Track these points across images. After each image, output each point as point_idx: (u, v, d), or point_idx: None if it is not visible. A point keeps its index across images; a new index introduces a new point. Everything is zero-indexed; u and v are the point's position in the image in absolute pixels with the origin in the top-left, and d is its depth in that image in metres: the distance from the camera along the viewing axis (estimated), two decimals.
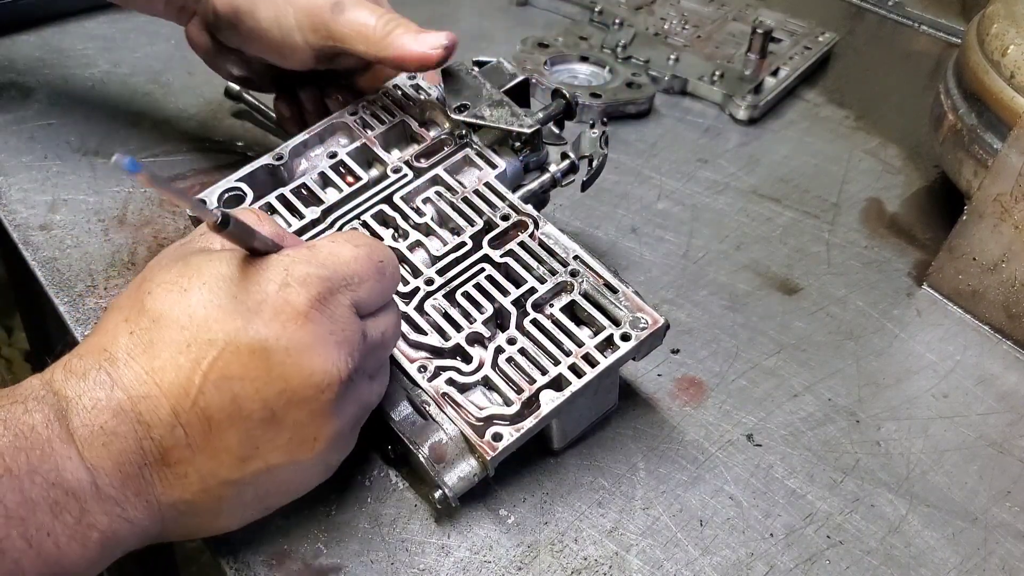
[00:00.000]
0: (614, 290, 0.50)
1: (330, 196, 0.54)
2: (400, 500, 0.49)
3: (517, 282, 0.51)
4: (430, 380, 0.47)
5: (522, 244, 0.52)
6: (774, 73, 0.85)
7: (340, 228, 0.53)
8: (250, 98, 0.75)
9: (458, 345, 0.49)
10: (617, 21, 0.90)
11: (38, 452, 0.35)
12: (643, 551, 0.47)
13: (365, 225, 0.53)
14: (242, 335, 0.37)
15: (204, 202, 0.39)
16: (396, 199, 0.54)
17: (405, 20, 0.52)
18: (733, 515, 0.49)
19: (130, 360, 0.37)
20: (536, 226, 0.53)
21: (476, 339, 0.49)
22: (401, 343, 0.49)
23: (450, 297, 0.50)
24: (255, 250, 0.39)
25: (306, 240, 0.48)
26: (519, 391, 0.47)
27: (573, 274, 0.50)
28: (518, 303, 0.50)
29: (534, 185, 0.57)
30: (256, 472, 0.40)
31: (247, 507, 0.42)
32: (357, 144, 0.57)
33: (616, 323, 0.49)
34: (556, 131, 0.60)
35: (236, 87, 0.75)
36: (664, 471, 0.51)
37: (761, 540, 0.48)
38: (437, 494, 0.45)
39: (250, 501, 0.41)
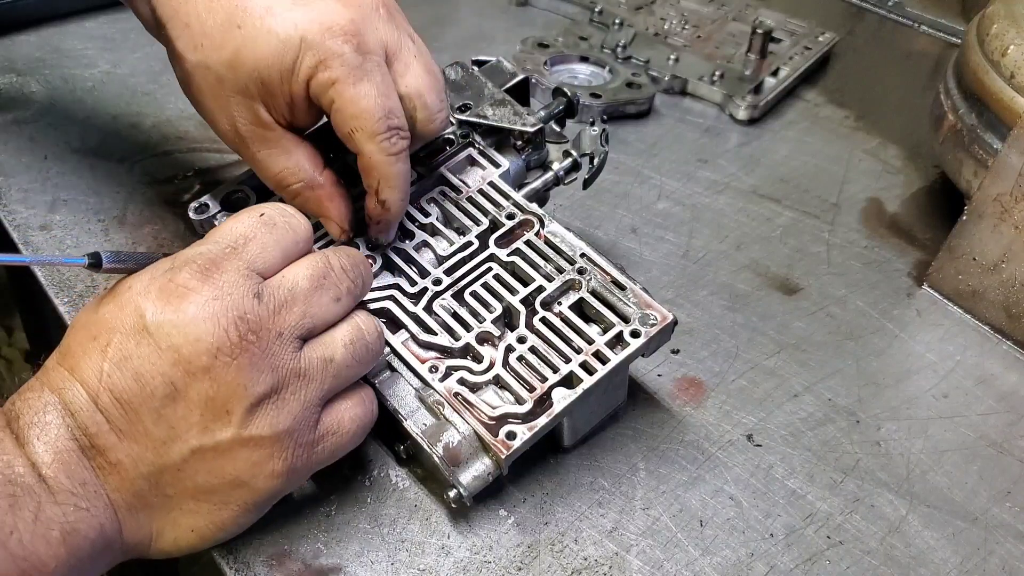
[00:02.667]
0: (622, 287, 0.50)
1: None
2: (400, 500, 0.49)
3: (525, 281, 0.51)
4: (442, 380, 0.47)
5: (528, 243, 0.52)
6: (774, 73, 0.85)
7: None
8: None
9: (468, 345, 0.49)
10: (617, 21, 0.90)
11: None
12: (643, 551, 0.47)
13: None
14: (134, 317, 0.39)
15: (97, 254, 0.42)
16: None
17: (319, 192, 0.50)
18: (733, 515, 0.49)
19: (55, 365, 0.41)
20: (542, 224, 0.53)
21: (486, 338, 0.49)
22: (412, 344, 0.49)
23: (458, 297, 0.50)
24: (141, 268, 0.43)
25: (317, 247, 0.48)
26: (531, 389, 0.47)
27: (580, 272, 0.50)
28: (527, 301, 0.50)
29: (537, 183, 0.57)
30: (182, 455, 0.40)
31: (200, 501, 0.41)
32: None
33: (625, 320, 0.49)
34: (557, 129, 0.60)
35: None
36: (664, 471, 0.51)
37: (761, 540, 0.48)
38: (452, 493, 0.45)
39: (198, 493, 0.41)
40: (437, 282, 0.51)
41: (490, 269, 0.51)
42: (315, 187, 0.50)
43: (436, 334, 0.49)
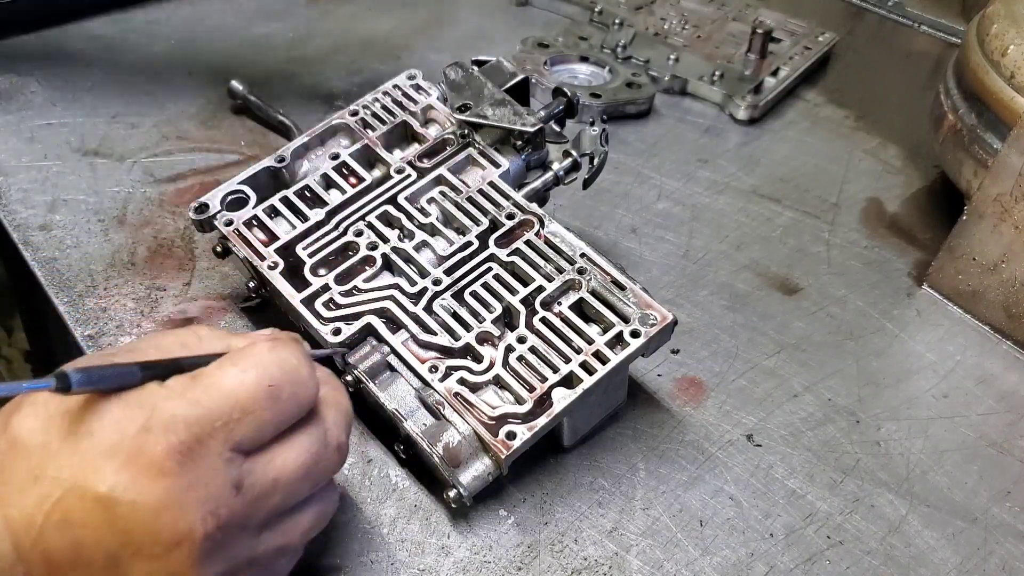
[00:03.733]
0: (622, 287, 0.50)
1: (334, 198, 0.54)
2: (400, 500, 0.49)
3: (524, 281, 0.51)
4: (442, 380, 0.47)
5: (528, 243, 0.52)
6: (774, 73, 0.85)
7: (345, 230, 0.53)
8: (252, 98, 0.75)
9: (468, 344, 0.49)
10: (617, 21, 0.90)
11: None
12: (643, 551, 0.47)
13: (370, 226, 0.53)
14: (89, 480, 0.34)
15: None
16: (400, 199, 0.54)
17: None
18: (733, 515, 0.49)
19: None
20: (541, 224, 0.53)
21: (486, 338, 0.49)
22: (412, 344, 0.49)
23: (458, 297, 0.50)
24: (124, 387, 0.36)
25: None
26: (531, 389, 0.47)
27: (580, 272, 0.50)
28: (526, 301, 0.50)
29: (537, 183, 0.57)
30: None
31: None
32: (359, 145, 0.57)
33: (625, 320, 0.49)
34: (557, 129, 0.60)
35: (239, 86, 0.75)
36: (664, 471, 0.51)
37: (761, 540, 0.48)
38: (452, 493, 0.45)
39: None
40: (437, 282, 0.51)
41: (490, 269, 0.51)
42: None
43: (436, 334, 0.49)
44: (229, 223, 0.53)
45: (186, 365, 0.37)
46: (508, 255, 0.52)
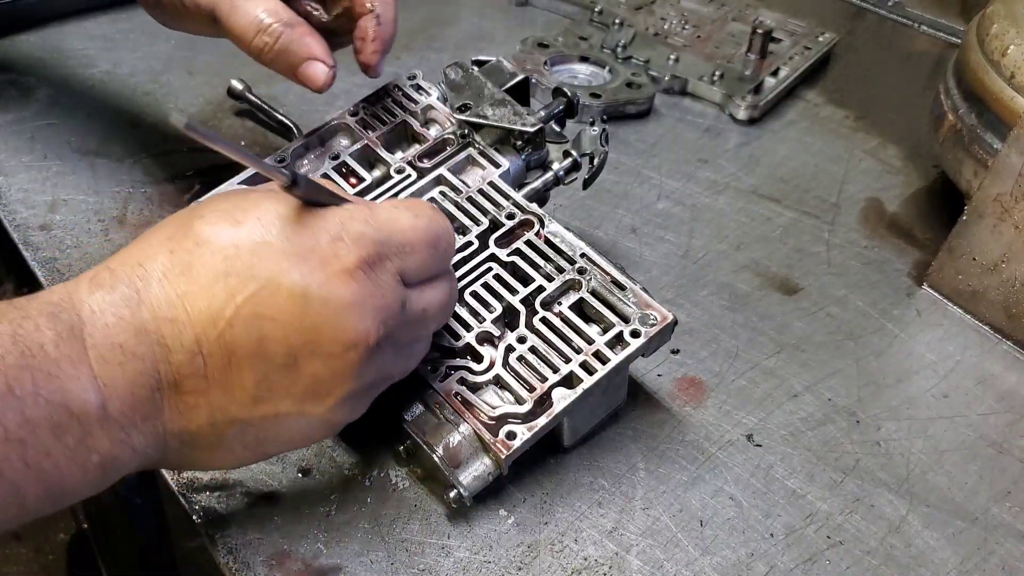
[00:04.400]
0: (622, 287, 0.50)
1: None
2: (400, 500, 0.49)
3: (525, 280, 0.51)
4: (442, 380, 0.47)
5: (528, 243, 0.52)
6: (774, 73, 0.85)
7: None
8: (252, 97, 0.75)
9: (468, 344, 0.49)
10: (617, 21, 0.90)
11: (44, 372, 0.34)
12: (643, 551, 0.47)
13: None
14: (285, 276, 0.37)
15: (283, 160, 0.40)
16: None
17: (299, 29, 0.50)
18: (733, 515, 0.49)
19: (164, 280, 0.37)
20: (542, 224, 0.53)
21: (486, 338, 0.49)
22: None
23: (459, 297, 0.50)
24: (324, 205, 0.40)
25: None
26: (531, 389, 0.47)
27: (580, 272, 0.50)
28: (527, 301, 0.50)
29: (537, 183, 0.57)
30: (264, 415, 0.39)
31: (246, 448, 0.41)
32: (359, 145, 0.57)
33: (625, 320, 0.49)
34: (557, 129, 0.60)
35: (239, 86, 0.74)
36: (664, 471, 0.51)
37: (761, 540, 0.48)
38: (452, 493, 0.45)
39: (250, 443, 0.41)
40: None
41: (490, 269, 0.51)
42: (295, 24, 0.50)
43: (436, 334, 0.49)
44: None
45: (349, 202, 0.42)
46: (508, 255, 0.52)
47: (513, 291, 0.50)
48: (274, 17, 0.50)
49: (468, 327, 0.49)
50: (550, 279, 0.50)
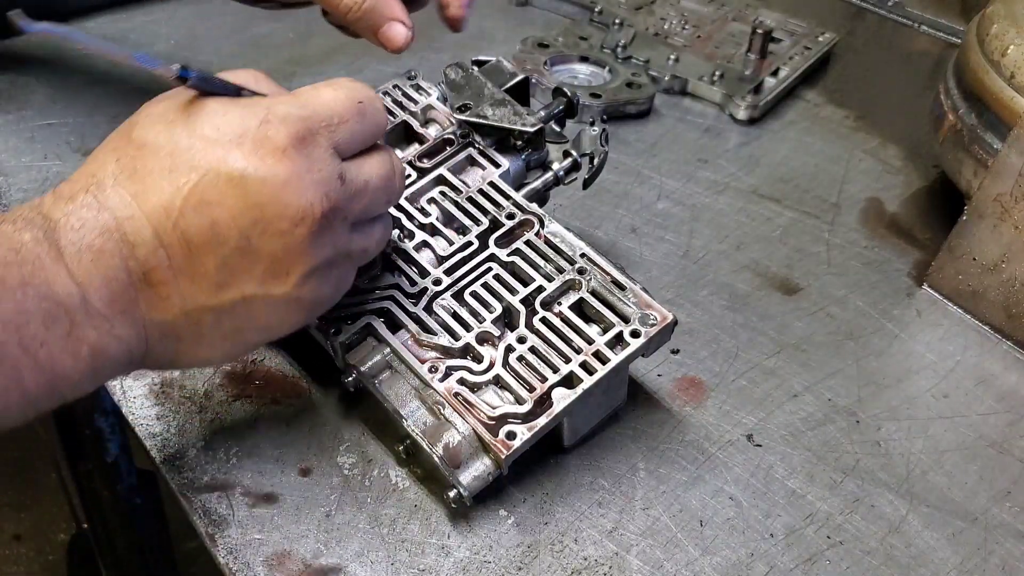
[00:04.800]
0: (622, 287, 0.50)
1: None
2: (400, 500, 0.49)
3: (525, 281, 0.51)
4: (442, 380, 0.47)
5: (528, 243, 0.52)
6: (774, 73, 0.85)
7: None
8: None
9: (468, 345, 0.49)
10: (617, 21, 0.90)
11: (29, 267, 0.37)
12: (643, 551, 0.47)
13: None
14: (222, 164, 0.39)
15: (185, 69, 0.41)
16: (401, 199, 0.54)
17: (371, 4, 0.52)
18: (733, 515, 0.49)
19: (116, 185, 0.40)
20: (541, 224, 0.53)
21: (486, 338, 0.49)
22: (412, 344, 0.49)
23: (458, 297, 0.50)
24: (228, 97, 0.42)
25: None
26: (531, 389, 0.47)
27: (580, 272, 0.50)
28: (526, 302, 0.50)
29: (537, 183, 0.57)
30: (232, 300, 0.41)
31: (226, 339, 0.43)
32: None
33: (625, 320, 0.49)
34: (557, 129, 0.60)
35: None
36: (664, 471, 0.51)
37: (761, 540, 0.48)
38: (452, 493, 0.45)
39: (228, 332, 0.43)
40: (437, 282, 0.51)
41: (490, 269, 0.51)
42: None
43: (436, 334, 0.49)
44: None
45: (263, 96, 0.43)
46: (508, 255, 0.52)
47: (513, 291, 0.50)
48: None
49: (468, 327, 0.49)
50: (550, 279, 0.50)
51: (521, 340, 0.49)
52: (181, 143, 0.40)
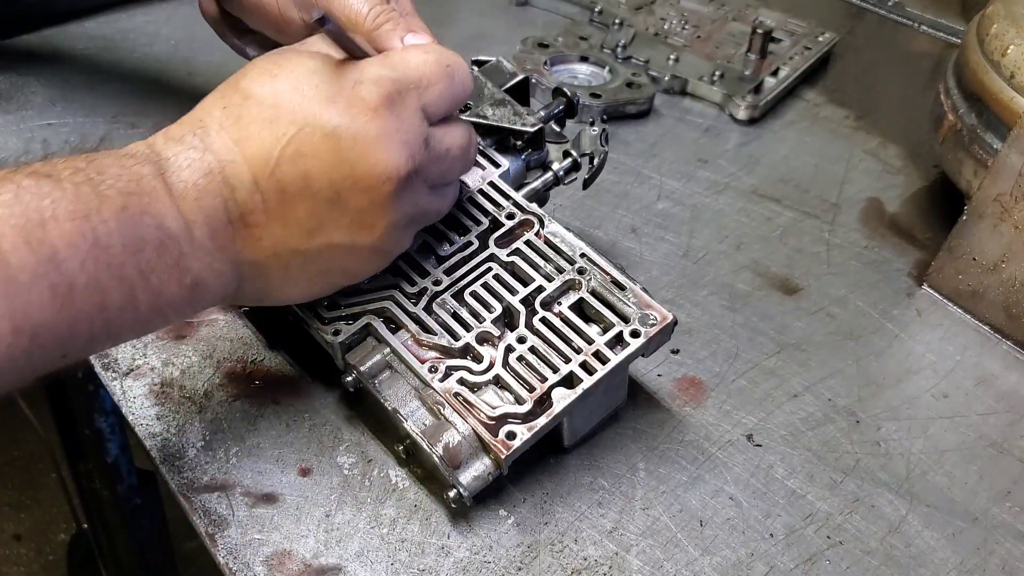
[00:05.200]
0: (622, 287, 0.50)
1: None
2: (400, 500, 0.49)
3: (524, 281, 0.51)
4: (441, 380, 0.47)
5: (528, 243, 0.52)
6: (774, 73, 0.85)
7: None
8: None
9: (468, 345, 0.49)
10: (617, 21, 0.90)
11: (147, 198, 0.40)
12: (643, 551, 0.47)
13: None
14: (318, 119, 0.42)
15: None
16: None
17: (394, 13, 0.52)
18: (733, 515, 0.49)
19: (221, 130, 0.42)
20: (541, 224, 0.53)
21: (486, 338, 0.49)
22: (412, 344, 0.49)
23: (458, 297, 0.50)
24: (351, 53, 0.44)
25: None
26: (531, 389, 0.47)
27: (580, 272, 0.50)
28: (526, 302, 0.50)
29: (537, 183, 0.57)
30: (320, 247, 0.44)
31: (311, 281, 0.46)
32: None
33: (625, 320, 0.49)
34: (557, 129, 0.60)
35: None
36: (664, 471, 0.51)
37: (761, 540, 0.48)
38: (452, 493, 0.45)
39: (314, 275, 0.46)
40: (437, 282, 0.51)
41: (490, 269, 0.51)
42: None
43: (436, 334, 0.49)
44: None
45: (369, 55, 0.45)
46: (508, 255, 0.52)
47: (513, 291, 0.50)
48: None
49: (468, 327, 0.49)
50: (550, 279, 0.50)
51: (521, 340, 0.49)
52: (283, 96, 0.42)
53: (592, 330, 0.49)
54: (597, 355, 0.48)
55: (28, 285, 0.36)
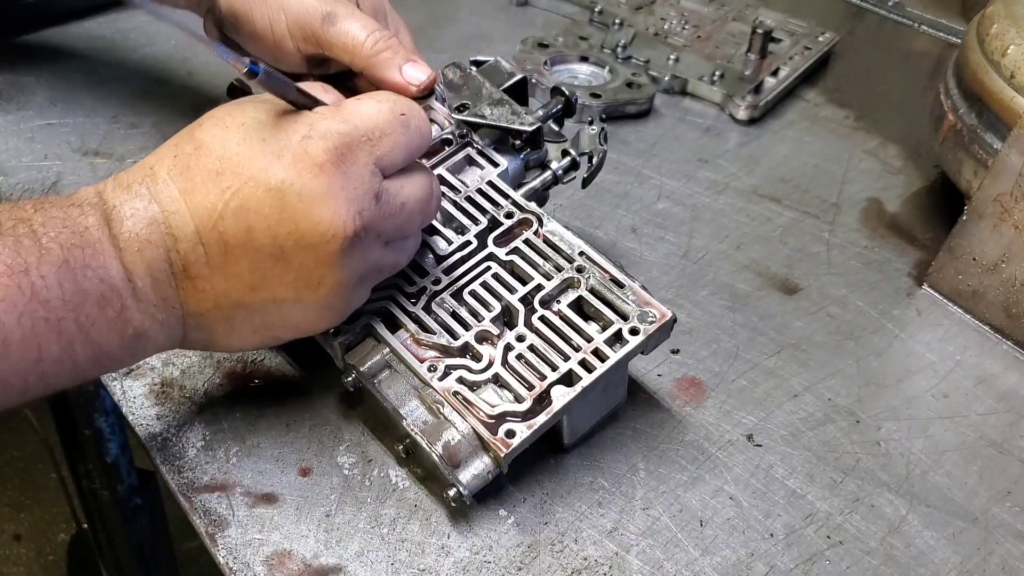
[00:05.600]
0: (621, 285, 0.50)
1: None
2: (400, 500, 0.49)
3: (523, 279, 0.51)
4: (441, 379, 0.47)
5: (527, 241, 0.52)
6: (774, 73, 0.85)
7: None
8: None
9: (467, 344, 0.49)
10: (617, 21, 0.90)
11: (91, 250, 0.40)
12: (643, 551, 0.47)
13: None
14: (263, 174, 0.41)
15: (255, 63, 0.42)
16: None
17: (395, 41, 0.52)
18: (733, 515, 0.49)
19: (168, 179, 0.42)
20: (540, 223, 0.53)
21: (485, 337, 0.49)
22: (411, 343, 0.49)
23: (457, 296, 0.50)
24: (294, 102, 0.44)
25: None
26: (530, 388, 0.47)
27: (579, 270, 0.50)
28: (525, 300, 0.50)
29: (536, 183, 0.57)
30: (264, 301, 0.44)
31: (256, 332, 0.46)
32: None
33: (624, 317, 0.49)
34: (556, 128, 0.60)
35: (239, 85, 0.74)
36: (664, 471, 0.51)
37: (761, 540, 0.48)
38: (452, 492, 0.45)
39: (259, 327, 0.45)
40: (436, 281, 0.51)
41: (489, 268, 0.51)
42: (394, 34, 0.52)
43: (435, 333, 0.49)
44: None
45: (320, 103, 0.45)
46: (507, 254, 0.52)
47: (512, 290, 0.50)
48: (380, 30, 0.53)
49: (467, 326, 0.49)
50: (549, 277, 0.50)
51: (520, 338, 0.49)
52: (231, 149, 0.42)
53: (591, 328, 0.49)
54: (596, 353, 0.48)
55: None
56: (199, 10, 0.62)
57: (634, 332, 0.48)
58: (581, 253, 0.51)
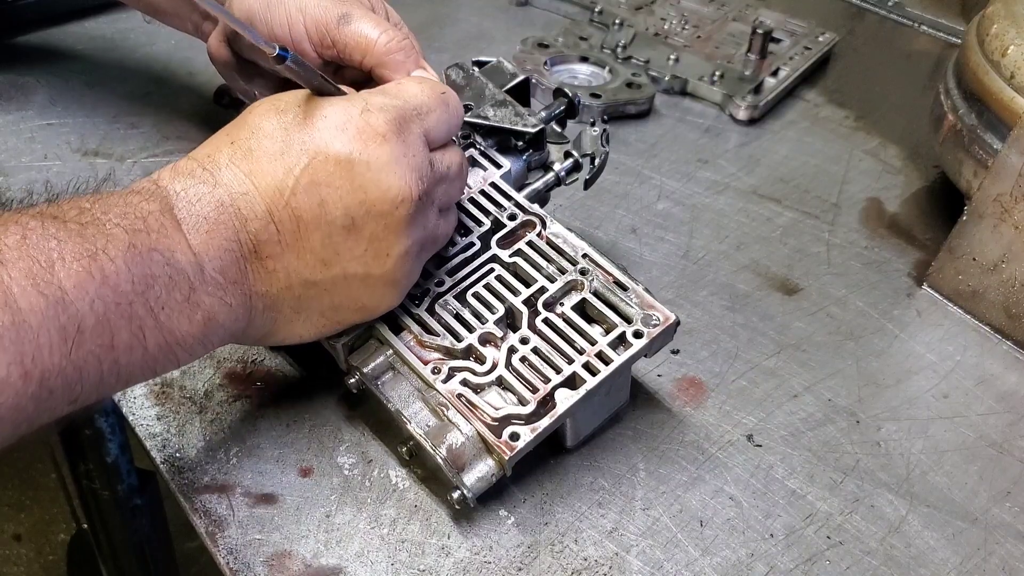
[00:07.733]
0: (624, 287, 0.50)
1: None
2: (400, 500, 0.49)
3: (527, 281, 0.51)
4: (444, 382, 0.47)
5: (530, 243, 0.52)
6: (774, 73, 0.85)
7: None
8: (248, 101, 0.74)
9: (471, 346, 0.49)
10: (617, 21, 0.90)
11: (155, 235, 0.40)
12: (643, 552, 0.47)
13: None
14: (330, 147, 0.42)
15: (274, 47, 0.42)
16: None
17: (408, 43, 0.52)
18: (733, 515, 0.49)
19: (231, 164, 0.43)
20: (544, 225, 0.53)
21: (488, 339, 0.49)
22: (414, 345, 0.49)
23: (461, 298, 0.50)
24: (319, 89, 0.45)
25: None
26: (534, 390, 0.47)
27: (583, 272, 0.50)
28: (529, 302, 0.50)
29: (539, 184, 0.57)
30: (334, 277, 0.44)
31: (323, 315, 0.46)
32: None
33: (628, 320, 0.49)
34: (558, 130, 0.60)
35: (225, 90, 0.74)
36: (664, 471, 0.51)
37: (761, 540, 0.48)
38: (455, 494, 0.45)
39: (327, 309, 0.46)
40: (439, 283, 0.51)
41: (492, 270, 0.51)
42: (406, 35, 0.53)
43: (439, 335, 0.49)
44: None
45: (343, 92, 0.46)
46: (510, 256, 0.52)
47: (515, 292, 0.50)
48: (391, 28, 0.53)
49: (470, 328, 0.49)
50: (552, 280, 0.50)
51: (524, 341, 0.49)
52: (293, 128, 0.43)
53: (595, 331, 0.49)
54: (600, 356, 0.48)
55: (37, 328, 0.35)
56: (201, 32, 0.62)
57: (638, 335, 0.48)
58: (584, 255, 0.51)
